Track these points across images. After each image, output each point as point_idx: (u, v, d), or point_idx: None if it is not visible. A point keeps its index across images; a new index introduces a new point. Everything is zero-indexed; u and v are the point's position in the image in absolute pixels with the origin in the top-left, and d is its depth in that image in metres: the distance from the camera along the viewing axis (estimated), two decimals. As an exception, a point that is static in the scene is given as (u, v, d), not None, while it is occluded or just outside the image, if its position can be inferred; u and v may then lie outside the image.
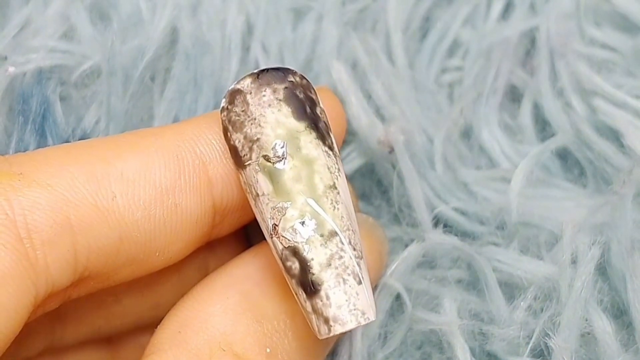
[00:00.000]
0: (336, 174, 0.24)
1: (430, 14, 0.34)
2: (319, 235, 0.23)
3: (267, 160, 0.24)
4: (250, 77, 0.25)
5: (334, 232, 0.23)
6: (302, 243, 0.23)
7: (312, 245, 0.23)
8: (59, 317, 0.27)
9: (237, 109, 0.24)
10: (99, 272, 0.24)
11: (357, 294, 0.23)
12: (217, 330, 0.24)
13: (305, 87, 0.25)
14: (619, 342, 0.27)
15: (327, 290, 0.23)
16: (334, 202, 0.24)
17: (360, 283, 0.23)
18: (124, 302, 0.28)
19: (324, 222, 0.23)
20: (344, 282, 0.23)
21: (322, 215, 0.23)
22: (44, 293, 0.22)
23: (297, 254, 0.23)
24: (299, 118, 0.24)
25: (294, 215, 0.23)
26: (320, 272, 0.23)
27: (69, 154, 0.24)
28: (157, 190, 0.24)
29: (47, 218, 0.22)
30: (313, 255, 0.23)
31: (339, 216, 0.24)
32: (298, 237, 0.23)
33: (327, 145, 0.24)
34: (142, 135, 0.25)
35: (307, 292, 0.23)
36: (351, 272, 0.23)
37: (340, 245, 0.23)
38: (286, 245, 0.23)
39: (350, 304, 0.23)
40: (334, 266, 0.23)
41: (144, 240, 0.24)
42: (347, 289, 0.23)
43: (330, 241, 0.23)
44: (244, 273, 0.25)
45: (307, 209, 0.23)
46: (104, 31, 0.31)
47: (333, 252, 0.23)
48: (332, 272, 0.23)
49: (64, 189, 0.23)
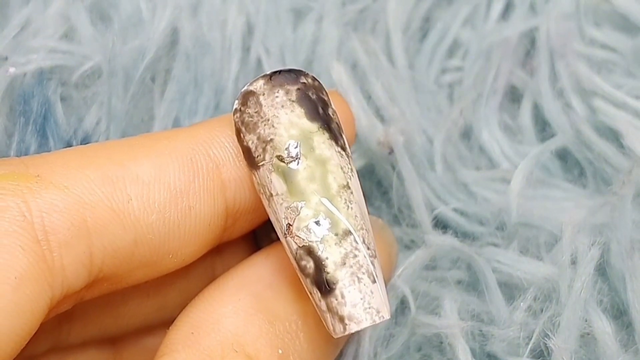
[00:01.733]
0: (349, 174, 0.24)
1: (430, 15, 0.34)
2: (334, 234, 0.23)
3: (280, 160, 0.24)
4: (263, 78, 0.25)
5: (348, 231, 0.23)
6: (317, 242, 0.23)
7: (327, 244, 0.23)
8: (67, 317, 0.27)
9: (250, 110, 0.25)
10: (113, 274, 0.24)
11: (372, 292, 0.23)
12: (229, 331, 0.24)
13: (317, 88, 0.25)
14: (619, 343, 0.27)
15: (342, 289, 0.23)
16: (347, 201, 0.24)
17: (374, 282, 0.23)
18: (130, 303, 0.28)
19: (338, 221, 0.23)
20: (358, 280, 0.23)
21: (336, 214, 0.23)
22: (59, 295, 0.22)
23: (312, 253, 0.23)
24: (312, 119, 0.24)
25: (308, 214, 0.23)
26: (335, 271, 0.23)
27: (85, 156, 0.24)
28: (171, 193, 0.24)
29: (64, 220, 0.22)
30: (328, 254, 0.23)
31: (352, 215, 0.24)
32: (312, 236, 0.23)
33: (340, 145, 0.25)
34: (156, 139, 0.25)
35: (322, 291, 0.23)
36: (365, 270, 0.23)
37: (355, 244, 0.23)
38: (300, 245, 0.23)
39: (365, 302, 0.23)
40: (349, 265, 0.23)
41: (158, 243, 0.24)
42: (362, 287, 0.23)
43: (344, 240, 0.23)
44: (255, 274, 0.26)
45: (322, 208, 0.24)
46: (104, 32, 0.31)
47: (347, 251, 0.23)
48: (346, 271, 0.23)
49: (80, 191, 0.23)
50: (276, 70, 0.25)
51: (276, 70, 0.25)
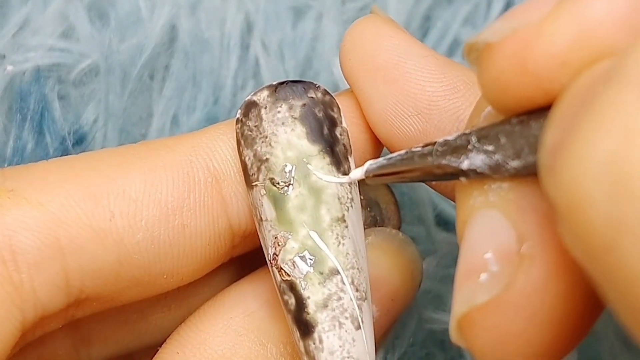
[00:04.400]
0: (347, 204, 0.22)
1: (430, 13, 0.34)
2: (318, 273, 0.22)
3: (273, 184, 0.22)
4: (268, 89, 0.23)
5: (336, 270, 0.22)
6: (300, 279, 0.22)
7: (310, 282, 0.21)
8: (82, 339, 0.26)
9: (251, 123, 0.23)
10: (98, 294, 0.22)
11: (354, 340, 0.21)
12: (215, 352, 0.22)
13: (327, 104, 0.23)
14: (621, 342, 0.27)
15: (321, 333, 0.21)
16: (339, 236, 0.22)
17: (358, 328, 0.21)
18: (150, 318, 0.26)
19: (325, 259, 0.22)
20: (339, 325, 0.21)
21: (324, 250, 0.22)
22: (33, 317, 0.21)
23: (294, 290, 0.22)
24: (313, 140, 0.23)
25: (294, 247, 0.22)
26: (315, 313, 0.21)
27: (70, 168, 0.22)
28: (162, 210, 0.22)
29: (34, 239, 0.21)
30: (310, 293, 0.21)
31: (343, 253, 0.22)
32: (296, 271, 0.22)
33: (342, 172, 0.23)
34: (153, 148, 0.23)
35: (301, 332, 0.21)
36: (349, 315, 0.21)
37: (341, 286, 0.22)
38: (284, 279, 0.22)
39: (345, 350, 0.21)
40: (331, 308, 0.21)
41: (147, 263, 0.22)
42: (343, 333, 0.21)
43: (329, 280, 0.22)
44: (252, 292, 0.24)
45: (309, 242, 0.22)
46: (102, 30, 0.31)
47: (332, 292, 0.21)
48: (327, 314, 0.21)
49: (57, 207, 0.21)
50: (284, 81, 0.23)
51: (284, 80, 0.23)
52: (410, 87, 0.24)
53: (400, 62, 0.24)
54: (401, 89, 0.24)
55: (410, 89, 0.24)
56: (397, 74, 0.24)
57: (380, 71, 0.24)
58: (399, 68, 0.24)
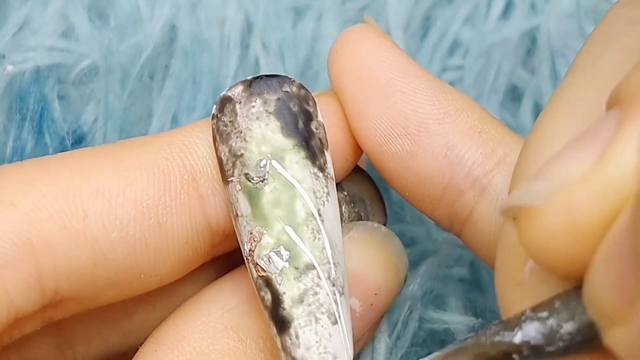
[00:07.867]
0: (323, 199, 0.22)
1: (430, 13, 0.34)
2: (294, 268, 0.21)
3: (248, 179, 0.22)
4: (243, 84, 0.23)
5: (311, 265, 0.21)
6: (276, 274, 0.21)
7: (286, 277, 0.21)
8: (66, 339, 0.26)
9: (226, 119, 0.23)
10: (75, 295, 0.22)
11: (330, 335, 0.21)
12: (193, 348, 0.22)
13: (302, 98, 0.23)
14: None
15: (297, 329, 0.21)
16: (315, 231, 0.22)
17: (335, 323, 0.21)
18: (135, 317, 0.26)
19: (300, 254, 0.22)
20: (316, 321, 0.21)
21: (299, 245, 0.22)
22: (6, 318, 0.21)
23: (270, 285, 0.21)
24: (287, 134, 0.22)
25: (269, 243, 0.22)
26: (291, 308, 0.21)
27: (44, 168, 0.22)
28: (137, 209, 0.22)
29: (6, 239, 0.20)
30: (285, 288, 0.21)
31: (319, 247, 0.22)
32: (272, 267, 0.21)
33: (318, 166, 0.23)
34: (129, 146, 0.23)
35: (278, 328, 0.21)
36: (326, 310, 0.21)
37: (317, 280, 0.21)
38: (260, 274, 0.22)
39: (321, 346, 0.21)
40: (307, 303, 0.21)
41: (123, 263, 0.22)
42: (319, 329, 0.21)
43: (305, 275, 0.21)
44: (232, 287, 0.23)
45: (284, 237, 0.22)
46: (102, 29, 0.31)
47: (307, 287, 0.21)
48: (303, 310, 0.21)
49: (29, 207, 0.21)
50: (258, 75, 0.23)
51: (258, 75, 0.23)
52: (402, 106, 0.24)
53: (395, 79, 0.24)
54: (393, 107, 0.24)
55: (403, 108, 0.24)
56: (390, 91, 0.24)
57: (373, 84, 0.24)
58: (392, 85, 0.24)
